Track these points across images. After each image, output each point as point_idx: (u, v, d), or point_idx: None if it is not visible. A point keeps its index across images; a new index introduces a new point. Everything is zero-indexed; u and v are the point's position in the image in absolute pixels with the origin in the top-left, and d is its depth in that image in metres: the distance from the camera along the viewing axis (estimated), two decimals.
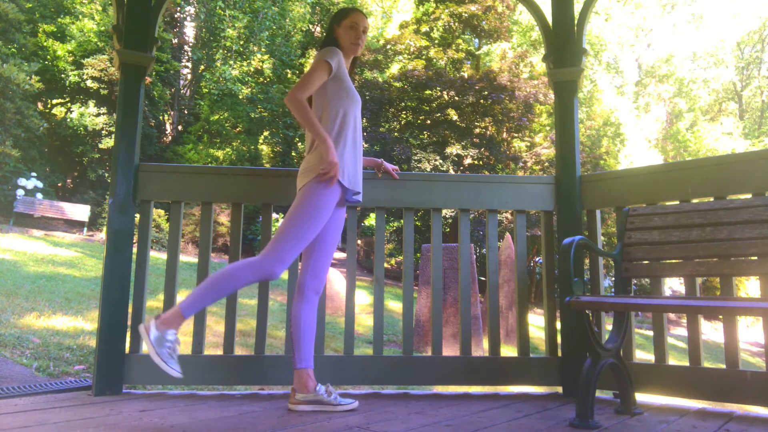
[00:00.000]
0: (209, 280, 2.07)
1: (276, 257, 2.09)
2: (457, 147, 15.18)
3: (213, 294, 2.06)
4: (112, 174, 2.60)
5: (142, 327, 2.00)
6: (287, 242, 2.11)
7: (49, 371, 3.57)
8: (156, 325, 1.99)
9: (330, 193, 2.17)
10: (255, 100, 20.43)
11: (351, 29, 2.34)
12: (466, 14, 16.92)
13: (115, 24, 2.70)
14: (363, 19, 2.38)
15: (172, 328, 2.02)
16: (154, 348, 1.95)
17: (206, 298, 2.05)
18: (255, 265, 2.08)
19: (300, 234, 2.12)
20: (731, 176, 2.31)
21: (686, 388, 2.32)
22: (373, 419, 2.04)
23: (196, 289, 2.07)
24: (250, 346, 5.38)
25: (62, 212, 17.37)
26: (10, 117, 15.89)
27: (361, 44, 2.38)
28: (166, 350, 1.97)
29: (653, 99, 36.16)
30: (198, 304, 2.06)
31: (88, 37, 18.79)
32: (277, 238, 2.12)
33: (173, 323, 2.02)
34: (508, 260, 8.92)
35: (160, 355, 1.95)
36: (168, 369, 1.96)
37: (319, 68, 2.19)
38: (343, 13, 2.38)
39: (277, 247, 2.10)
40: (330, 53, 2.24)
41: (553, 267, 2.81)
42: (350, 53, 2.37)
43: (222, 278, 2.06)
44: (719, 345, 15.39)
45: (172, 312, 2.03)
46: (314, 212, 2.13)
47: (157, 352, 1.95)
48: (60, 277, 8.31)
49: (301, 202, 2.15)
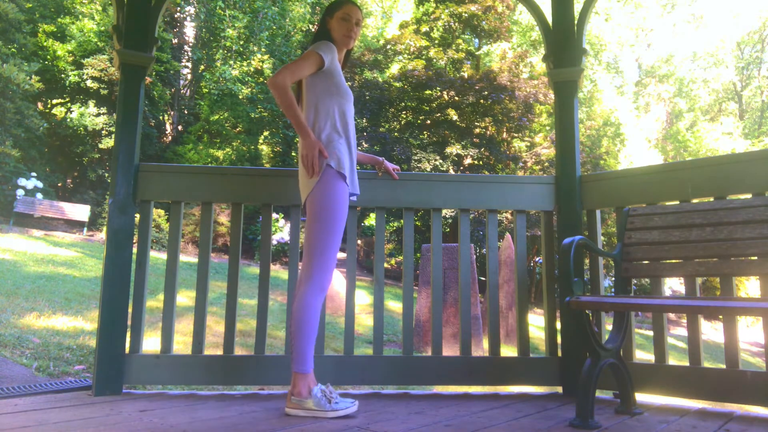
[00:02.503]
0: (294, 332, 2.12)
1: (324, 269, 2.14)
2: (457, 147, 15.17)
3: (307, 335, 2.11)
4: (112, 174, 2.60)
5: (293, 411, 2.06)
6: (327, 253, 2.14)
7: (49, 371, 3.57)
8: (303, 399, 2.06)
9: (340, 188, 2.18)
10: (255, 100, 20.41)
11: (343, 21, 2.31)
12: (466, 14, 16.91)
13: (115, 24, 2.70)
14: (356, 11, 2.34)
15: (312, 386, 2.09)
16: (325, 410, 2.03)
17: (306, 343, 2.11)
18: (314, 288, 2.12)
19: (333, 240, 2.15)
20: (731, 176, 2.31)
21: (686, 388, 2.32)
22: (373, 419, 2.04)
23: (293, 346, 2.12)
24: (250, 346, 5.38)
25: (62, 212, 17.37)
26: (10, 117, 15.89)
27: (354, 37, 2.35)
28: (327, 403, 2.04)
29: (653, 99, 36.16)
30: (305, 354, 2.11)
31: (88, 37, 18.79)
32: (316, 251, 2.14)
33: (307, 384, 2.09)
34: (508, 260, 8.92)
35: (333, 409, 2.03)
36: (349, 410, 2.06)
37: (309, 58, 2.17)
38: (336, 4, 2.35)
39: (320, 261, 2.13)
40: (324, 47, 2.22)
41: (553, 267, 2.81)
42: (343, 46, 2.35)
43: (301, 320, 2.11)
44: (719, 345, 15.39)
45: (298, 380, 2.09)
46: (336, 213, 2.16)
47: (329, 409, 2.03)
48: (60, 277, 8.30)
49: (320, 208, 2.15)
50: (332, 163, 2.17)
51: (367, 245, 21.17)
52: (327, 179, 2.16)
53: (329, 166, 2.16)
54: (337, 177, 2.17)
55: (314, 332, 2.13)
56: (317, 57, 2.19)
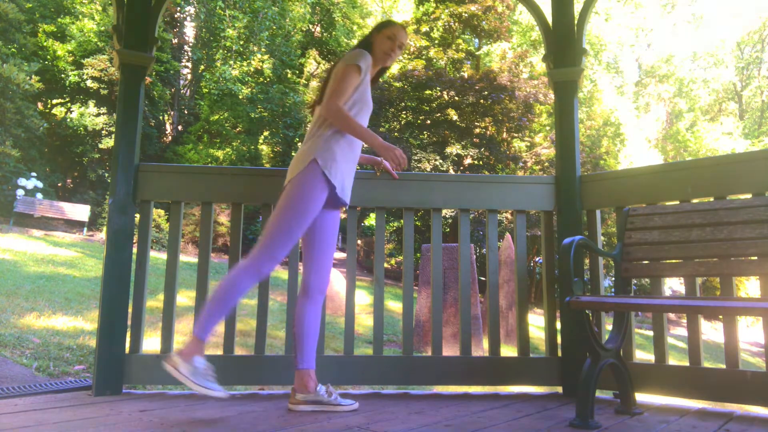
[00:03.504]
0: (213, 298, 2.09)
1: (268, 256, 2.11)
2: (457, 147, 15.17)
3: (221, 308, 2.08)
4: (112, 174, 2.60)
5: (169, 366, 2.01)
6: (277, 240, 2.12)
7: (49, 371, 3.57)
8: (182, 360, 2.01)
9: (317, 186, 2.15)
10: (255, 100, 20.42)
11: (389, 39, 2.36)
12: (466, 14, 16.92)
13: (115, 24, 2.70)
14: (403, 35, 2.40)
15: (197, 355, 2.04)
16: (191, 380, 1.98)
17: (216, 314, 2.08)
18: (250, 269, 2.10)
19: (289, 230, 2.12)
20: (731, 176, 2.31)
21: (686, 388, 2.32)
22: (373, 419, 2.04)
23: (203, 311, 2.08)
24: (250, 346, 5.38)
25: (62, 212, 17.38)
26: (10, 117, 15.90)
27: (393, 57, 2.40)
28: (201, 378, 2.01)
29: (653, 99, 36.17)
30: (210, 323, 2.08)
31: (88, 37, 18.80)
32: (267, 236, 2.13)
33: (197, 351, 2.05)
34: (508, 260, 8.92)
35: (198, 384, 1.99)
36: (213, 393, 2.00)
37: (350, 73, 2.22)
38: (387, 23, 2.42)
39: (268, 247, 2.11)
40: (360, 56, 2.25)
41: (553, 267, 2.81)
42: (379, 62, 2.40)
43: (223, 291, 2.08)
44: (719, 345, 15.38)
45: (191, 342, 2.06)
46: (301, 207, 2.13)
47: (195, 382, 1.99)
48: (60, 277, 8.30)
49: (287, 197, 2.15)
50: (320, 160, 2.15)
51: (367, 245, 21.18)
52: (307, 173, 2.14)
53: (315, 162, 2.15)
54: (319, 176, 2.14)
55: (228, 309, 2.10)
56: (357, 69, 2.23)
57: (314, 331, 2.26)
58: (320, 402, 2.17)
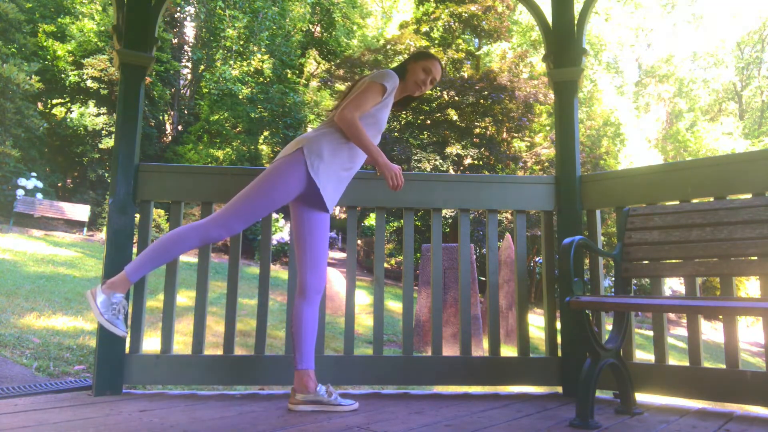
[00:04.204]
0: (156, 244, 2.10)
1: (222, 223, 2.12)
2: (457, 147, 15.18)
3: (161, 257, 2.09)
4: (112, 174, 2.60)
5: (89, 293, 2.06)
6: (237, 211, 2.12)
7: (49, 371, 3.57)
8: (102, 290, 2.05)
9: (293, 176, 2.13)
10: (255, 100, 20.42)
11: (424, 72, 2.38)
12: (466, 14, 16.93)
13: (115, 24, 2.70)
14: (439, 71, 2.43)
15: (118, 291, 2.07)
16: (99, 310, 2.02)
17: (154, 261, 2.09)
18: (200, 228, 2.11)
19: (251, 205, 2.12)
20: (731, 176, 2.31)
21: (686, 388, 2.32)
22: (373, 419, 2.04)
23: (142, 253, 2.10)
24: (250, 346, 5.38)
25: (62, 212, 17.38)
26: (10, 117, 15.89)
27: (424, 90, 2.42)
28: (111, 312, 2.03)
29: (653, 99, 36.18)
30: (145, 268, 2.09)
31: (88, 37, 18.80)
32: (229, 206, 2.14)
33: (119, 287, 2.07)
34: (508, 260, 8.92)
35: (104, 316, 2.02)
36: (115, 329, 2.02)
37: (373, 90, 2.22)
38: (426, 55, 2.43)
39: (226, 215, 2.12)
40: (388, 77, 2.26)
41: (553, 267, 2.81)
42: (408, 90, 2.42)
43: (168, 241, 2.09)
44: (719, 345, 15.39)
45: (119, 276, 2.08)
46: (270, 188, 2.13)
47: (102, 313, 2.02)
48: (60, 277, 8.31)
49: (263, 175, 2.17)
50: (305, 150, 2.14)
51: (367, 245, 21.18)
52: (289, 160, 2.15)
53: (300, 151, 2.15)
54: (299, 165, 2.13)
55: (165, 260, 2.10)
56: (381, 88, 2.23)
57: (312, 332, 2.26)
58: (320, 402, 2.17)
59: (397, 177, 2.24)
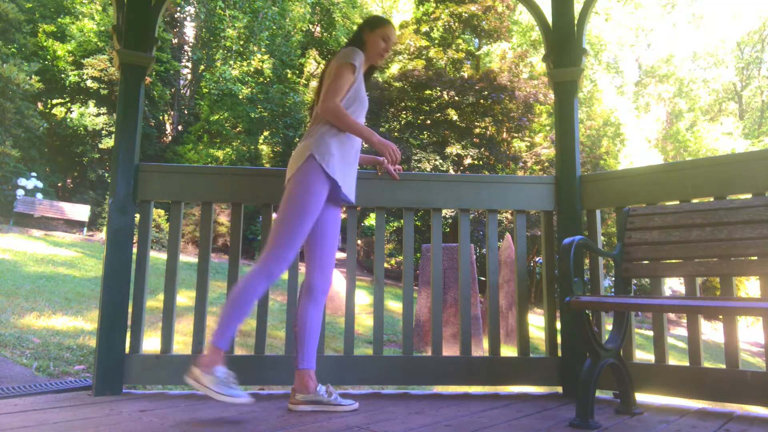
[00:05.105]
0: (228, 305, 2.08)
1: (279, 258, 2.11)
2: (457, 147, 15.18)
3: (237, 315, 2.07)
4: (112, 174, 2.60)
5: (191, 380, 2.01)
6: (286, 242, 2.11)
7: (49, 371, 3.57)
8: (203, 371, 2.01)
9: (317, 181, 2.14)
10: (255, 100, 20.42)
11: (383, 41, 2.37)
12: (466, 14, 16.92)
13: (115, 24, 2.70)
14: (395, 35, 2.43)
15: (218, 365, 2.04)
16: (214, 390, 1.98)
17: (234, 320, 2.08)
18: (262, 273, 2.10)
19: (295, 229, 2.11)
20: (731, 176, 2.31)
21: (686, 388, 2.32)
22: (373, 419, 2.04)
23: (220, 319, 2.08)
24: (250, 346, 5.38)
25: (62, 212, 17.38)
26: (10, 117, 15.89)
27: (385, 57, 2.42)
28: (225, 387, 2.01)
29: (653, 99, 36.17)
30: (229, 330, 2.08)
31: (88, 37, 18.80)
32: (273, 238, 2.12)
33: (216, 361, 2.05)
34: (508, 260, 8.92)
35: (222, 393, 1.99)
36: (238, 400, 2.01)
37: (344, 71, 2.22)
38: (380, 22, 2.40)
39: (278, 249, 2.10)
40: (353, 54, 2.25)
41: (553, 267, 2.81)
42: (371, 61, 2.41)
43: (239, 298, 2.07)
44: (719, 345, 15.39)
45: (210, 352, 2.06)
46: (304, 203, 2.12)
47: (218, 392, 1.99)
48: (60, 277, 8.30)
49: (289, 195, 2.15)
50: (317, 155, 2.14)
51: (367, 245, 21.18)
52: (305, 169, 2.14)
53: (313, 156, 2.14)
54: (318, 170, 2.14)
55: (244, 314, 2.09)
56: (351, 67, 2.23)
57: (316, 332, 2.27)
58: (320, 402, 2.17)
59: (395, 151, 2.28)
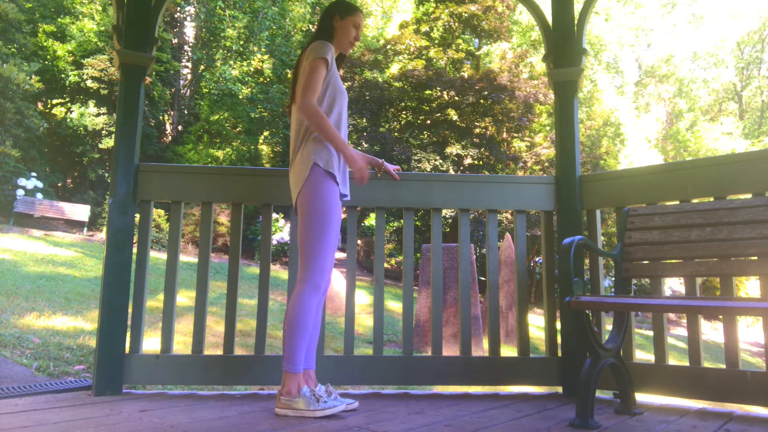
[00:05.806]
0: (289, 330, 2.10)
1: (318, 271, 2.13)
2: (457, 147, 15.17)
3: (300, 336, 2.10)
4: (112, 174, 2.60)
5: (283, 411, 2.05)
6: (319, 253, 2.13)
7: (49, 371, 3.57)
8: (293, 399, 2.04)
9: (328, 187, 2.16)
10: (255, 100, 20.41)
11: (354, 28, 2.35)
12: (466, 14, 16.91)
13: (115, 24, 2.70)
14: (363, 20, 2.41)
15: (303, 387, 2.07)
16: (310, 409, 2.01)
17: (297, 343, 2.10)
18: (308, 289, 2.12)
19: (322, 238, 2.13)
20: (731, 176, 2.31)
21: (686, 388, 2.32)
22: (373, 419, 2.04)
23: (285, 345, 2.10)
24: (250, 346, 5.38)
25: (62, 212, 17.37)
26: (10, 117, 15.88)
27: (355, 44, 2.41)
28: (315, 402, 2.03)
29: (653, 99, 36.16)
30: (296, 355, 2.10)
31: (88, 37, 18.78)
32: (309, 252, 2.13)
33: (295, 383, 2.07)
34: (508, 260, 8.92)
35: (319, 408, 2.02)
36: (336, 409, 2.04)
37: (318, 67, 2.20)
38: (350, 9, 2.36)
39: (315, 262, 2.13)
40: (324, 48, 2.23)
41: (553, 267, 2.81)
42: (342, 50, 2.39)
43: (297, 319, 2.09)
44: (719, 345, 15.38)
45: (289, 381, 2.08)
46: (323, 212, 2.14)
47: (315, 410, 2.01)
48: (60, 277, 8.30)
49: (305, 208, 2.15)
50: (320, 162, 2.16)
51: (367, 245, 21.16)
52: (315, 178, 2.15)
53: (316, 165, 2.15)
54: (325, 176, 2.16)
55: (307, 332, 2.12)
56: (324, 62, 2.21)
57: (315, 332, 2.28)
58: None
59: (362, 170, 2.25)
